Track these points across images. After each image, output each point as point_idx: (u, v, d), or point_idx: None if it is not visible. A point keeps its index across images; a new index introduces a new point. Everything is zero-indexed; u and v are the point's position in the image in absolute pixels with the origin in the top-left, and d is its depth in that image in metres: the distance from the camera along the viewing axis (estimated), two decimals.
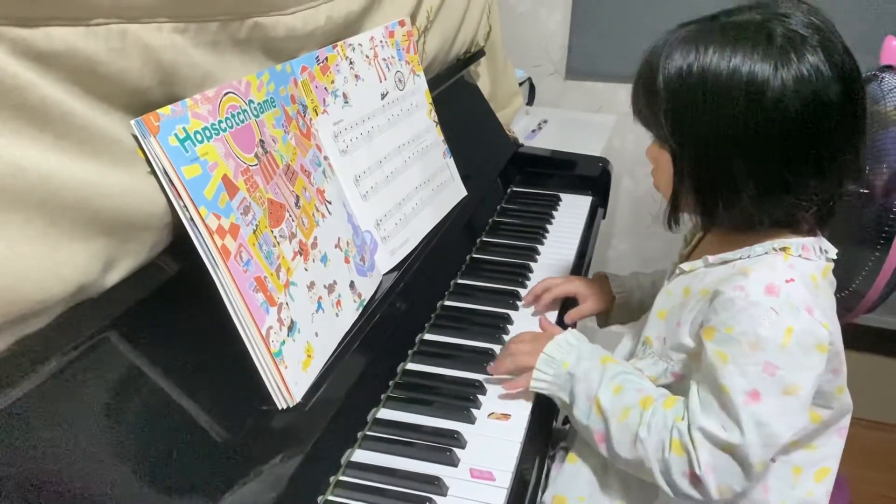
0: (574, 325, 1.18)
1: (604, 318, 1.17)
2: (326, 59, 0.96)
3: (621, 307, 1.14)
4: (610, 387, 0.86)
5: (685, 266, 0.89)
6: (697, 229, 0.97)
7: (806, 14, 0.76)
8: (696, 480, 0.78)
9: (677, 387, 0.87)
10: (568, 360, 0.91)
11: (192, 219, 0.65)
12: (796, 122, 0.74)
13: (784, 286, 0.76)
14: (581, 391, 0.88)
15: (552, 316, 1.14)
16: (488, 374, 0.99)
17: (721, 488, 0.77)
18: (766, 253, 0.81)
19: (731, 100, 0.74)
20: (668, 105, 0.78)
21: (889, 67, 1.34)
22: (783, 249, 0.81)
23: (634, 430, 0.81)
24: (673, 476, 0.79)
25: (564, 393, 0.90)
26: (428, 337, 1.08)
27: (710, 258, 0.86)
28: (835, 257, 0.83)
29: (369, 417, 0.90)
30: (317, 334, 0.80)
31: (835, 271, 0.85)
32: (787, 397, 0.75)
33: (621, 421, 0.83)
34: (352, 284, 0.89)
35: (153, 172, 0.64)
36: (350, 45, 1.02)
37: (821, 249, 0.82)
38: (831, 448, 0.89)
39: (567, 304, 1.16)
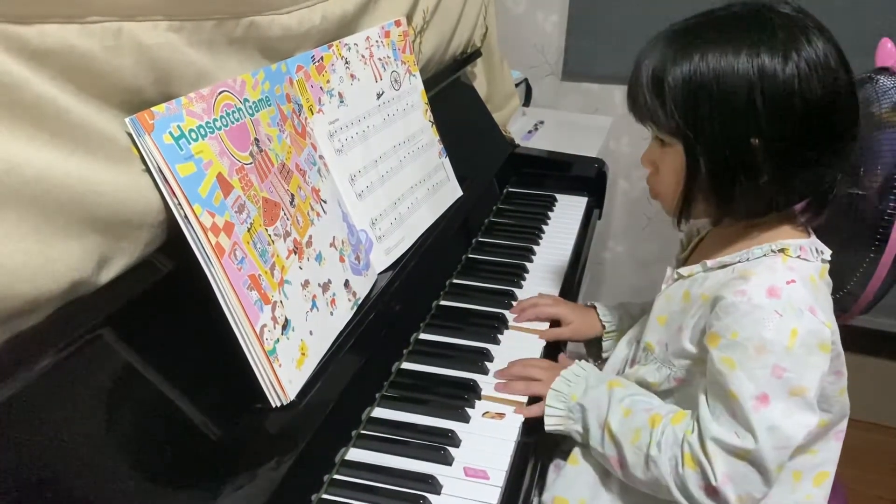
0: (565, 346, 1.18)
1: (596, 351, 1.16)
2: (322, 58, 0.96)
3: (611, 336, 1.13)
4: (619, 411, 0.85)
5: (683, 271, 0.89)
6: (696, 230, 0.97)
7: (794, 6, 0.78)
8: (713, 492, 0.77)
9: (680, 392, 0.87)
10: (576, 392, 0.91)
11: (186, 217, 0.65)
12: (811, 101, 0.74)
13: (785, 288, 0.77)
14: (593, 420, 0.87)
15: (544, 325, 1.13)
16: (483, 374, 0.99)
17: (742, 497, 0.77)
18: (765, 255, 0.81)
19: (745, 88, 0.75)
20: (680, 98, 0.78)
21: (884, 69, 1.34)
22: (782, 251, 0.81)
23: (646, 451, 0.81)
24: (691, 491, 0.78)
25: (578, 425, 0.89)
26: (423, 336, 1.08)
27: (709, 262, 0.86)
28: (829, 258, 0.84)
29: (364, 416, 0.90)
30: (311, 333, 0.80)
31: (830, 273, 0.85)
32: (794, 398, 0.75)
33: (633, 443, 0.83)
34: (346, 283, 0.89)
35: (147, 170, 0.65)
36: (346, 44, 1.02)
37: (817, 250, 0.82)
38: (830, 452, 0.89)
39: (557, 323, 1.15)
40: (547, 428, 0.91)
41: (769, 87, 0.74)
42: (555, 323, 1.14)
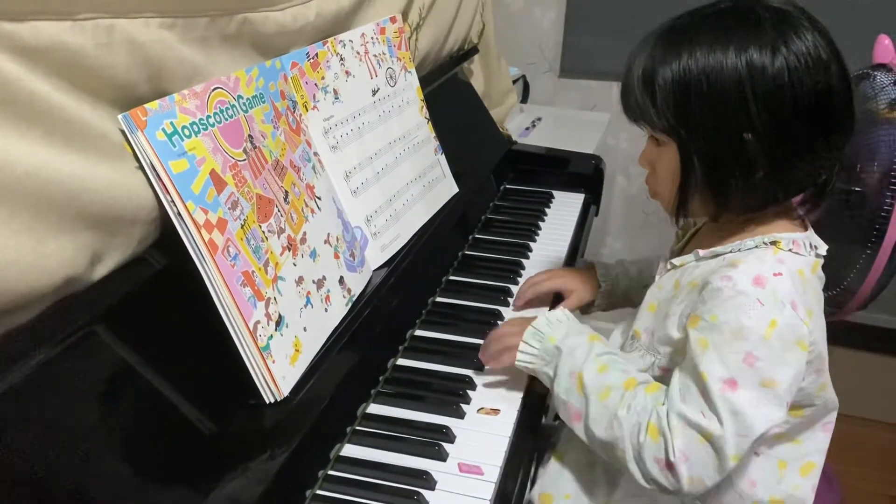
0: None
1: (587, 306, 1.16)
2: (317, 55, 0.96)
3: (606, 295, 1.14)
4: (595, 364, 0.85)
5: (676, 261, 0.90)
6: (692, 221, 0.98)
7: (785, 0, 0.78)
8: (668, 467, 0.77)
9: (664, 381, 0.87)
10: (555, 336, 0.90)
11: (179, 213, 0.66)
12: (802, 95, 0.74)
13: (771, 279, 0.77)
14: (565, 366, 0.87)
15: (544, 311, 1.13)
16: (478, 370, 0.99)
17: (693, 479, 0.76)
18: (757, 246, 0.81)
19: (735, 84, 0.75)
20: (670, 97, 0.78)
21: (881, 66, 1.34)
22: (773, 243, 0.81)
23: (614, 410, 0.81)
24: (644, 459, 0.78)
25: (549, 367, 0.89)
26: (418, 333, 1.08)
27: (701, 252, 0.86)
28: (824, 253, 0.84)
29: (358, 412, 0.90)
30: (305, 329, 0.80)
31: (827, 269, 0.85)
32: (763, 389, 0.75)
33: (601, 400, 0.82)
34: (341, 280, 0.89)
35: (140, 167, 0.65)
36: (341, 41, 1.02)
37: (811, 245, 0.82)
38: (816, 443, 0.90)
39: (557, 298, 1.16)
40: (517, 363, 0.91)
41: (759, 82, 0.74)
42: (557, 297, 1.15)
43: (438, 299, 1.17)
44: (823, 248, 0.84)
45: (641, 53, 0.81)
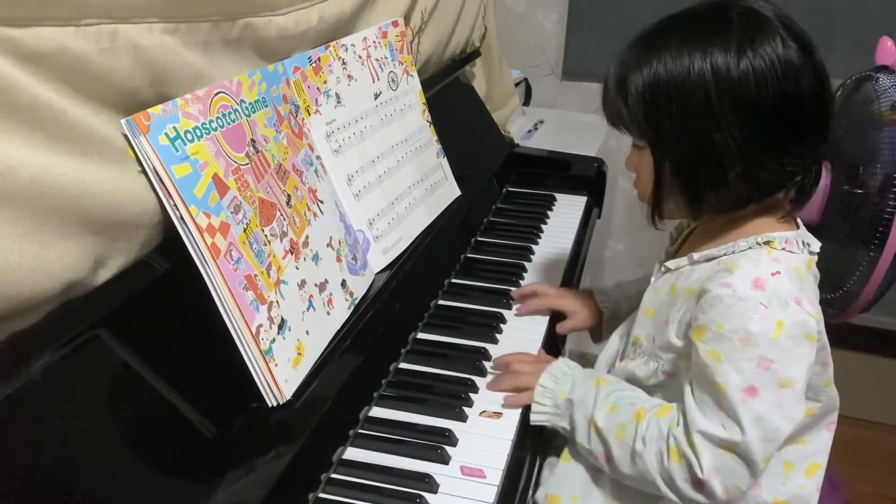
0: (565, 338, 1.18)
1: (597, 334, 1.17)
2: (319, 59, 0.96)
3: (611, 320, 1.13)
4: (604, 407, 0.86)
5: (670, 264, 0.90)
6: (685, 223, 0.98)
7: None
8: (700, 485, 0.78)
9: (669, 385, 0.87)
10: (563, 389, 0.91)
11: (182, 217, 0.66)
12: (769, 97, 0.75)
13: (770, 279, 0.77)
14: (580, 416, 0.88)
15: (542, 323, 1.13)
16: (481, 373, 0.99)
17: (728, 489, 0.77)
18: (750, 248, 0.82)
19: (701, 88, 0.75)
20: (642, 103, 0.79)
21: (884, 68, 1.34)
22: (767, 243, 0.81)
23: (631, 445, 0.82)
24: (677, 484, 0.79)
25: (565, 421, 0.90)
26: (421, 336, 1.08)
27: (695, 255, 0.86)
28: (817, 251, 0.84)
29: (361, 416, 0.90)
30: (307, 332, 0.80)
31: (830, 271, 0.86)
32: (783, 390, 0.76)
33: (619, 438, 0.83)
34: (343, 283, 0.90)
35: (143, 171, 0.65)
36: (343, 45, 1.02)
37: (803, 243, 0.83)
38: (820, 443, 0.90)
39: (557, 317, 1.16)
40: (532, 421, 0.92)
41: (723, 84, 0.75)
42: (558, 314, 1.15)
43: (441, 302, 1.17)
44: (816, 245, 0.85)
45: (618, 59, 0.82)
